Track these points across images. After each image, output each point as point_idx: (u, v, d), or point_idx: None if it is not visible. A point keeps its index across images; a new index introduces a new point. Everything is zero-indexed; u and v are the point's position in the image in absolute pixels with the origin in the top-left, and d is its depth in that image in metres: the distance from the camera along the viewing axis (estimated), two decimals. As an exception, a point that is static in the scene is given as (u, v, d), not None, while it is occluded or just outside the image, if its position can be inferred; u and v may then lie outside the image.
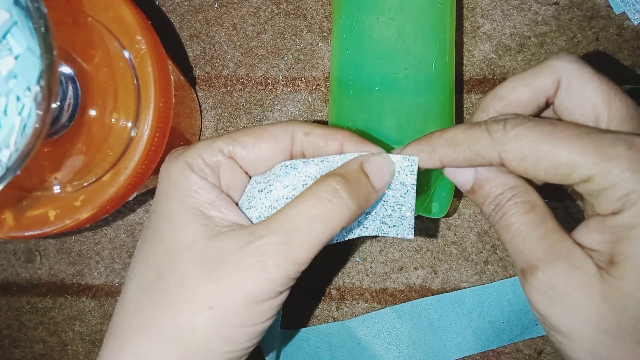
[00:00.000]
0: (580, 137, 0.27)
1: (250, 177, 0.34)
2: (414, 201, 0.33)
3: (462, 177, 0.32)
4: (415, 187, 0.32)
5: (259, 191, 0.33)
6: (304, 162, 0.32)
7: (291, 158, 0.33)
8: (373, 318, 0.49)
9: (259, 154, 0.33)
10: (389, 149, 0.38)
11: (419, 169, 0.32)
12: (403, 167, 0.32)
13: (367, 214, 0.33)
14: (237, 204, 0.33)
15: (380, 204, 0.33)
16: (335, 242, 0.33)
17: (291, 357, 0.49)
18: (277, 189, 0.32)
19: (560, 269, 0.27)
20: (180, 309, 0.29)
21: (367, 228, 0.34)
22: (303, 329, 0.49)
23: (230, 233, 0.29)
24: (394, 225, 0.33)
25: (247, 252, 0.28)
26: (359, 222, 0.34)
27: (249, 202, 0.33)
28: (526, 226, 0.29)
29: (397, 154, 0.32)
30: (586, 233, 0.28)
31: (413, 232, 0.33)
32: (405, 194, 0.33)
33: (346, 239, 0.34)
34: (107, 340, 0.31)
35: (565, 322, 0.27)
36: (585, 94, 0.29)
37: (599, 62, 0.48)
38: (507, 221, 0.29)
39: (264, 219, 0.30)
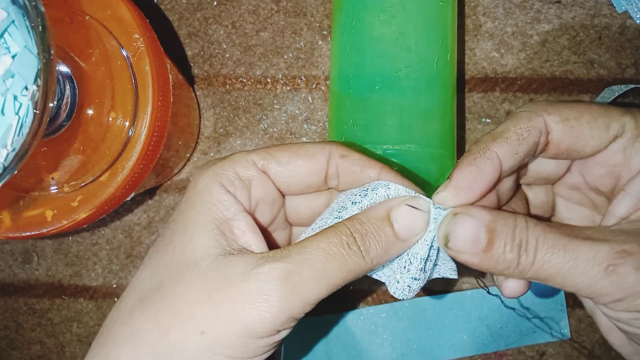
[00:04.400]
0: None
1: (284, 197, 0.33)
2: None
3: (473, 229, 0.28)
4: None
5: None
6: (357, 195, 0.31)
7: (326, 179, 0.32)
8: (370, 312, 0.49)
9: (294, 171, 0.32)
10: (390, 149, 0.38)
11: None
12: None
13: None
14: (259, 225, 0.31)
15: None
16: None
17: (286, 347, 0.49)
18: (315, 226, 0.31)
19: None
20: (172, 325, 0.27)
21: (409, 270, 0.31)
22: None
23: (242, 255, 0.28)
24: (436, 265, 0.32)
25: (253, 277, 0.27)
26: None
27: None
28: (573, 240, 0.27)
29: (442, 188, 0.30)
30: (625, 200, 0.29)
31: (457, 272, 0.32)
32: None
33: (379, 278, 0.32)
34: (95, 344, 0.30)
35: None
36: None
37: (601, 61, 0.48)
38: (546, 251, 0.27)
39: None
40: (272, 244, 0.32)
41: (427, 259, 0.30)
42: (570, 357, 0.48)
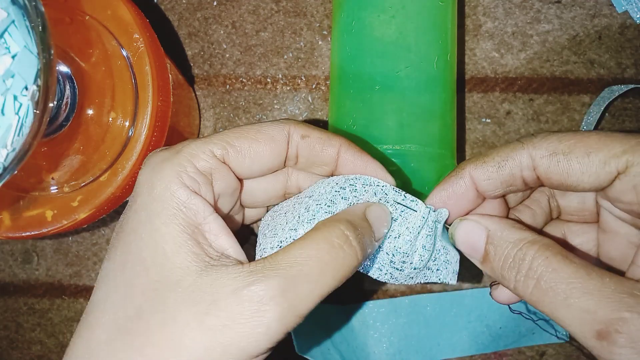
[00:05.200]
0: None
1: (241, 181, 0.32)
2: (422, 254, 0.31)
3: (473, 235, 0.30)
4: (430, 240, 0.31)
5: (266, 224, 0.31)
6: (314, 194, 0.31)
7: (286, 161, 0.31)
8: (369, 306, 0.49)
9: (255, 157, 0.30)
10: (390, 149, 0.38)
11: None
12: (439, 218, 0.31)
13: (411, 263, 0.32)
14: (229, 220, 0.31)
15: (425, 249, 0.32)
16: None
17: (294, 332, 0.48)
18: (280, 227, 0.30)
19: None
20: (162, 357, 0.25)
21: (412, 278, 0.32)
22: None
23: (225, 269, 0.26)
24: (437, 270, 0.32)
25: (246, 298, 0.25)
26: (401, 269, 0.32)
27: (272, 232, 0.31)
28: (576, 280, 0.25)
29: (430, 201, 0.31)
30: None
31: (456, 277, 0.32)
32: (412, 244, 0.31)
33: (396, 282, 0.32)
34: None
35: None
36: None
37: (601, 61, 0.47)
38: (548, 282, 0.26)
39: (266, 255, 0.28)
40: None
41: (410, 254, 0.31)
42: (570, 357, 0.48)
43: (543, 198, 0.33)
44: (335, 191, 0.31)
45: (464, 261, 0.33)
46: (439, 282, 0.32)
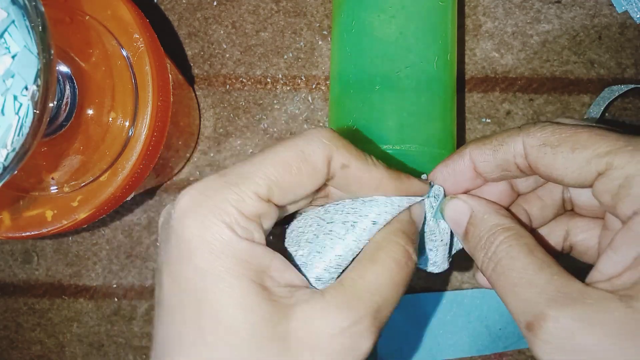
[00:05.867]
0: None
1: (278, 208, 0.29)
2: (447, 231, 0.33)
3: (459, 213, 0.31)
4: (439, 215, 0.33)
5: (307, 241, 0.30)
6: (352, 205, 0.30)
7: (325, 187, 0.30)
8: None
9: (298, 192, 0.27)
10: (390, 149, 0.38)
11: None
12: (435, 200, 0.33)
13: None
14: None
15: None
16: None
17: None
18: (333, 243, 0.29)
19: (577, 313, 0.23)
20: None
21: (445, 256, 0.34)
22: None
23: (305, 305, 0.25)
24: (435, 262, 0.34)
25: (347, 335, 0.25)
26: None
27: (298, 252, 0.30)
28: (526, 271, 0.26)
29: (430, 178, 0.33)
30: (611, 257, 0.25)
31: (447, 264, 0.34)
32: (439, 227, 0.33)
33: None
34: None
35: None
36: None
37: (601, 61, 0.47)
38: (504, 268, 0.27)
39: (329, 281, 0.28)
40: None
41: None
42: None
43: (557, 189, 0.33)
44: (356, 213, 0.30)
45: (464, 262, 0.34)
46: (435, 271, 0.34)
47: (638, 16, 0.47)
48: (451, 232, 0.33)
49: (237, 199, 0.25)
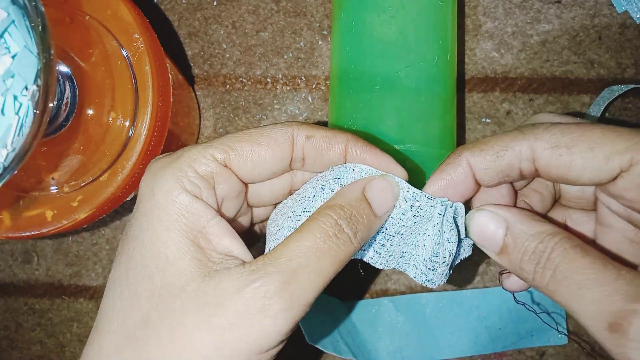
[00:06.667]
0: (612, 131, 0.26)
1: (246, 185, 0.32)
2: (452, 249, 0.30)
3: (491, 233, 0.29)
4: (454, 233, 0.30)
5: (282, 215, 0.30)
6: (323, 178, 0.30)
7: (291, 163, 0.31)
8: (369, 304, 0.49)
9: (258, 161, 0.29)
10: (390, 149, 0.38)
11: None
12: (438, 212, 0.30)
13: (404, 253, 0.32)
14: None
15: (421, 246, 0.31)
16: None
17: (302, 323, 0.48)
18: (288, 216, 0.30)
19: None
20: None
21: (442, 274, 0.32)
22: None
23: (228, 271, 0.26)
24: (424, 273, 0.32)
25: (250, 295, 0.25)
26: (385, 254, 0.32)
27: (276, 229, 0.30)
28: (592, 271, 0.25)
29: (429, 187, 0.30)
30: None
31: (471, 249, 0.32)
32: (439, 242, 0.30)
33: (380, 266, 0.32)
34: None
35: None
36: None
37: (601, 61, 0.47)
38: (564, 273, 0.25)
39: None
40: (237, 231, 0.30)
41: (440, 251, 0.31)
42: (571, 357, 0.48)
43: (549, 182, 0.32)
44: (333, 179, 0.30)
45: (463, 262, 0.33)
46: (425, 285, 0.33)
47: (638, 16, 0.47)
48: (456, 249, 0.31)
49: (194, 159, 0.28)
